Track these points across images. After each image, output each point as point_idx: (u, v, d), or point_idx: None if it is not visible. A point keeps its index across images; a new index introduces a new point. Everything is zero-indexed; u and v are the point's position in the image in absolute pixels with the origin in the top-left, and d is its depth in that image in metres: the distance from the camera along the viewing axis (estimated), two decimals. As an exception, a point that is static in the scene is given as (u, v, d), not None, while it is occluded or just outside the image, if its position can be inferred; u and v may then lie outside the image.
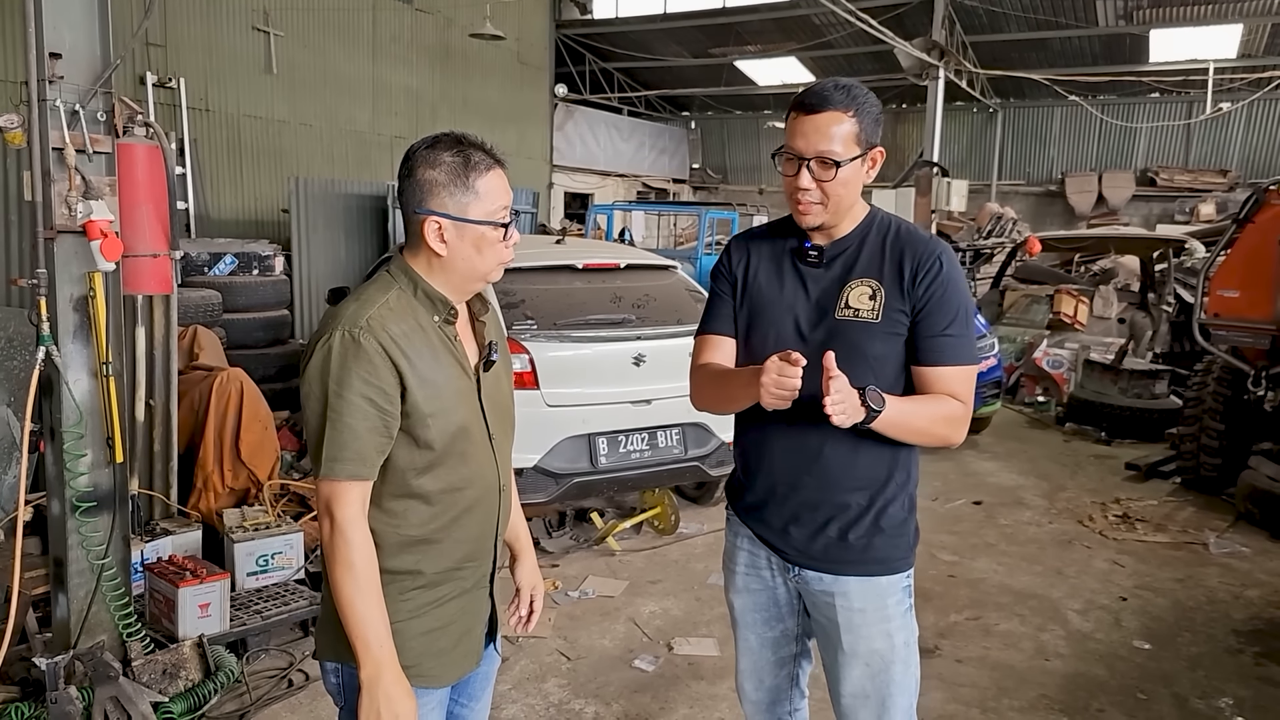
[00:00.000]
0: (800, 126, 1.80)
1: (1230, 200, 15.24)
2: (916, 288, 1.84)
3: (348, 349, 1.54)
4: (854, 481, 1.90)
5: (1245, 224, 5.73)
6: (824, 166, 1.79)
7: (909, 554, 1.98)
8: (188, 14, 10.84)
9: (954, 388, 1.85)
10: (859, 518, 1.90)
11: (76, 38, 2.86)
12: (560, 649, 3.77)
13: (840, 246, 1.91)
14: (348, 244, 10.14)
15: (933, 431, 1.84)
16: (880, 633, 1.93)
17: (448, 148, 1.61)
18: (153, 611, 3.42)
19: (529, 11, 16.40)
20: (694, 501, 5.65)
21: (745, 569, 2.09)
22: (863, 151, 1.82)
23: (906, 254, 1.86)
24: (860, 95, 1.81)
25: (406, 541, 1.64)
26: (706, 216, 12.25)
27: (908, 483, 1.97)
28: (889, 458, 1.90)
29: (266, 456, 4.48)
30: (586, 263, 5.04)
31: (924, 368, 1.85)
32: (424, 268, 1.65)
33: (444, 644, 1.70)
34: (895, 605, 1.95)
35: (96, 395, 2.97)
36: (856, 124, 1.79)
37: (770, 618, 2.09)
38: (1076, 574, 4.65)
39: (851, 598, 1.93)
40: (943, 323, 1.83)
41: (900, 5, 14.52)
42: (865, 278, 1.87)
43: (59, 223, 2.84)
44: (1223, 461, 5.94)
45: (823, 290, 1.89)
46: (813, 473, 1.90)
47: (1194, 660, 3.77)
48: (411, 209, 1.62)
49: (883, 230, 1.91)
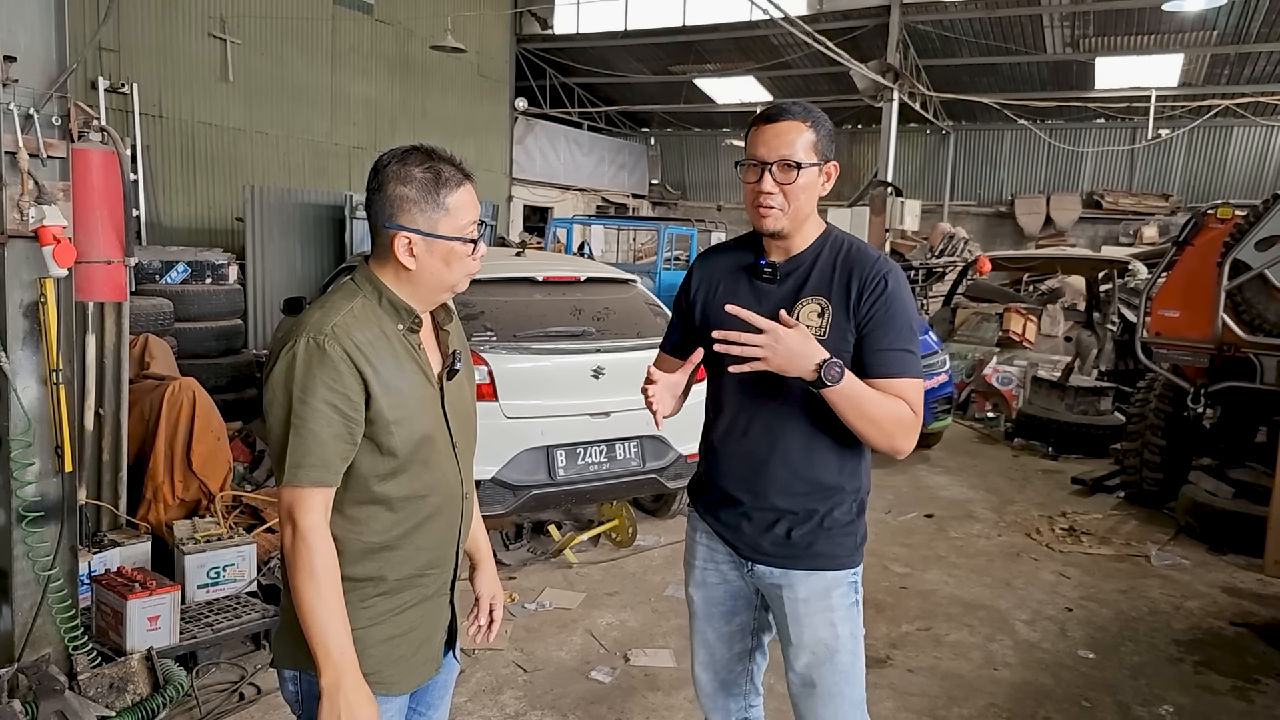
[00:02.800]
0: (762, 135, 1.91)
1: (1172, 223, 15.76)
2: (862, 305, 1.91)
3: (312, 355, 1.54)
4: (802, 486, 1.98)
5: (1185, 246, 5.90)
6: (785, 170, 1.88)
7: (855, 552, 2.06)
8: (142, 19, 10.67)
9: (903, 398, 1.91)
10: (805, 520, 2.00)
11: (32, 40, 2.82)
12: (517, 661, 3.76)
13: (794, 264, 1.99)
14: (304, 254, 10.04)
15: (883, 425, 1.88)
16: (824, 622, 2.02)
17: (419, 163, 1.61)
18: (100, 624, 3.35)
19: (490, 25, 16.41)
20: (651, 514, 5.67)
21: (703, 563, 2.18)
22: (819, 162, 1.92)
23: (854, 272, 1.93)
24: (815, 112, 1.93)
25: (368, 548, 1.64)
26: (665, 232, 12.33)
27: (858, 490, 2.05)
28: (837, 466, 1.99)
29: (219, 467, 4.42)
30: (547, 275, 5.06)
31: (872, 380, 1.90)
32: (391, 278, 1.66)
33: (404, 651, 1.70)
34: (840, 598, 2.03)
35: (46, 403, 2.91)
36: (814, 134, 1.90)
37: (726, 611, 2.18)
38: (1024, 585, 4.76)
39: (797, 589, 2.02)
40: (887, 338, 1.90)
41: (856, 29, 14.82)
42: (815, 295, 1.95)
43: (10, 227, 2.79)
44: (1164, 476, 6.12)
45: (775, 306, 1.94)
46: (762, 476, 2.00)
47: (1136, 669, 3.88)
48: (381, 223, 1.63)
49: (835, 249, 1.99)
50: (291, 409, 1.54)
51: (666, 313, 5.30)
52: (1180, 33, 13.82)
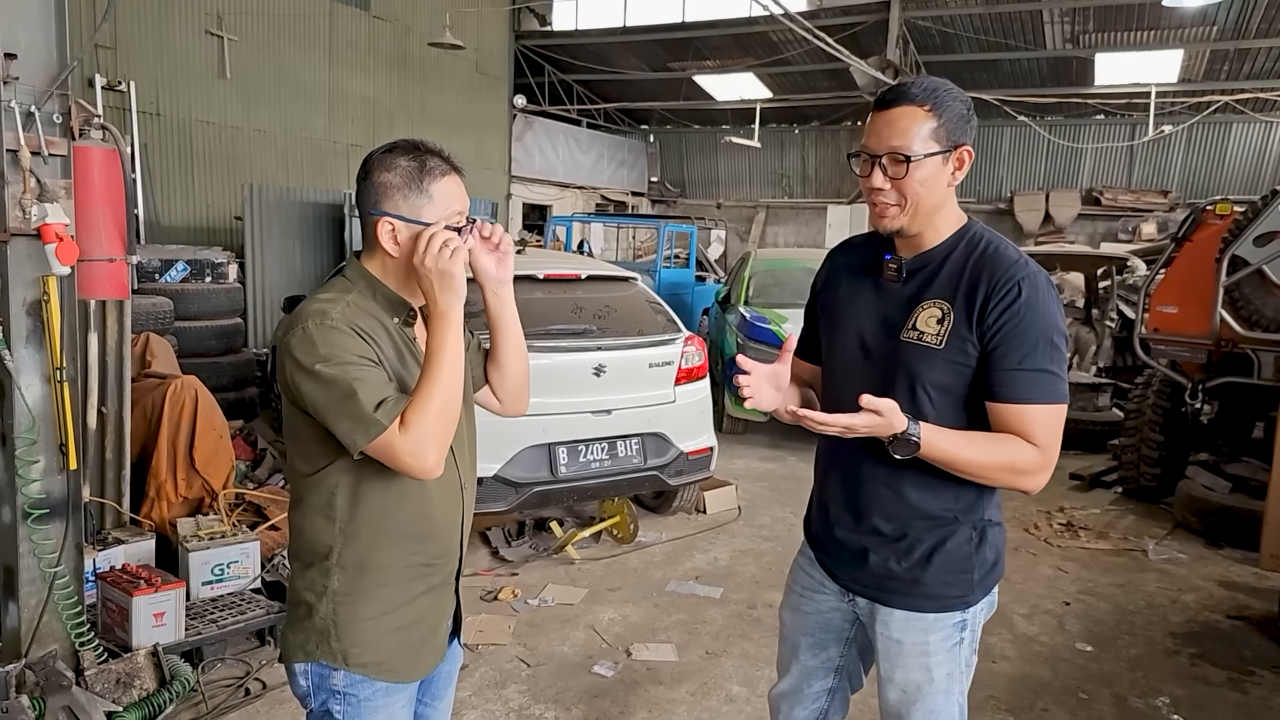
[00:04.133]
0: (874, 123, 1.71)
1: (1171, 220, 15.75)
2: (988, 315, 1.67)
3: (323, 329, 1.53)
4: (906, 511, 1.80)
5: (1184, 243, 5.92)
6: (895, 163, 1.68)
7: (971, 592, 1.83)
8: (139, 17, 10.64)
9: (1029, 428, 1.67)
10: (908, 550, 1.81)
11: (32, 38, 2.83)
12: (520, 656, 3.78)
13: (921, 261, 1.78)
14: (303, 252, 10.04)
15: (988, 476, 1.70)
16: (918, 665, 1.85)
17: (404, 153, 1.63)
18: (105, 621, 3.37)
19: (488, 22, 16.39)
20: (652, 511, 5.70)
21: (801, 589, 2.06)
22: (944, 149, 1.68)
23: (983, 277, 1.69)
24: (942, 90, 1.70)
25: (375, 536, 1.65)
26: (665, 230, 12.34)
27: (980, 519, 1.83)
28: (950, 491, 1.78)
29: (221, 465, 4.43)
30: (547, 273, 5.07)
31: (995, 404, 1.69)
32: (379, 269, 1.67)
33: (414, 639, 1.72)
34: (940, 641, 1.83)
35: (50, 401, 2.93)
36: (935, 118, 1.67)
37: (815, 644, 2.04)
38: (1023, 580, 4.78)
39: (891, 628, 1.86)
40: (1017, 355, 1.66)
41: (856, 25, 14.80)
42: (937, 299, 1.73)
43: (13, 225, 2.79)
44: (1162, 471, 6.15)
45: (895, 307, 1.78)
46: (858, 502, 1.85)
47: (1133, 661, 3.91)
48: (366, 210, 1.65)
49: (970, 248, 1.75)
50: (326, 381, 1.50)
51: (667, 310, 5.32)
52: (1180, 28, 13.81)
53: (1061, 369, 1.70)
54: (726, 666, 3.74)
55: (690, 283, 12.65)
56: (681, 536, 5.32)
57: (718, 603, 4.41)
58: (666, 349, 5.00)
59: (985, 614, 1.91)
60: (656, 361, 4.94)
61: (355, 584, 1.62)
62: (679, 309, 7.71)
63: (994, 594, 1.91)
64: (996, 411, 1.70)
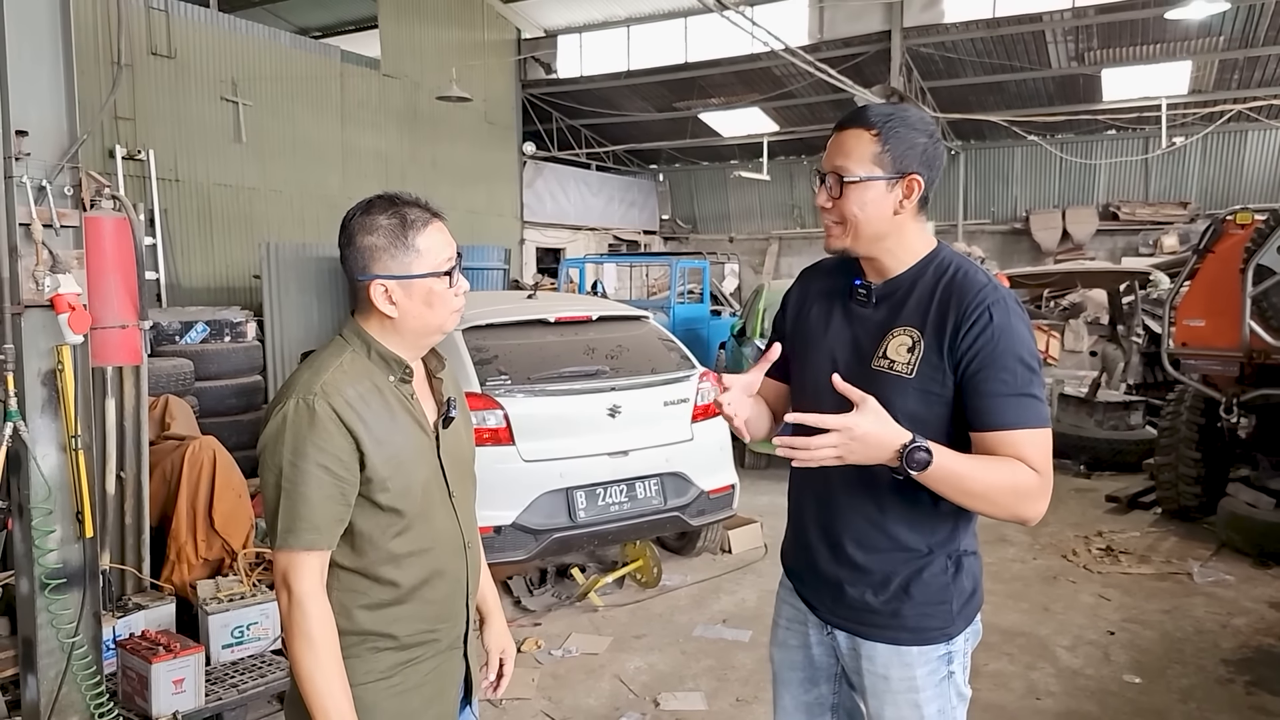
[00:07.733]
0: (830, 142, 1.72)
1: (1192, 231, 15.58)
2: (959, 343, 1.63)
3: (302, 417, 1.53)
4: (883, 542, 1.75)
5: (1206, 254, 5.82)
6: (836, 182, 1.68)
7: (951, 624, 1.77)
8: (156, 87, 10.91)
9: (1022, 455, 1.60)
10: (883, 582, 1.76)
11: (43, 114, 2.87)
12: (545, 709, 3.69)
13: (890, 287, 1.75)
14: (320, 307, 10.11)
15: (995, 499, 1.61)
16: (908, 702, 1.77)
17: (382, 210, 1.61)
18: (125, 689, 3.32)
19: (495, 73, 16.65)
20: (676, 553, 5.60)
21: (786, 623, 2.00)
22: (888, 175, 1.66)
23: (953, 302, 1.66)
24: (898, 118, 1.66)
25: (375, 605, 1.62)
26: (678, 266, 12.36)
27: (948, 544, 1.76)
28: (925, 521, 1.73)
29: (240, 525, 4.40)
30: (559, 316, 5.06)
31: (983, 433, 1.63)
32: (376, 329, 1.65)
33: (415, 705, 1.67)
34: (927, 676, 1.76)
35: (65, 469, 2.92)
36: (880, 144, 1.65)
37: (805, 679, 1.96)
38: (1063, 610, 4.64)
39: (876, 663, 1.79)
40: (996, 381, 1.61)
41: (858, 55, 14.89)
42: (908, 326, 1.69)
43: (26, 297, 2.82)
44: (1202, 490, 5.98)
45: (866, 334, 1.74)
46: (834, 533, 1.81)
47: (1185, 692, 3.76)
48: (355, 276, 1.63)
49: (939, 273, 1.72)
50: (282, 472, 1.53)
51: (680, 347, 5.28)
52: (1186, 40, 13.78)
53: (1041, 392, 1.66)
54: (758, 713, 3.63)
55: (705, 317, 12.65)
56: (707, 578, 5.22)
57: (747, 646, 4.30)
58: (681, 386, 4.95)
59: (970, 644, 1.85)
60: (671, 399, 4.89)
61: (355, 646, 1.58)
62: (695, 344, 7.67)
63: (977, 623, 1.86)
64: (984, 441, 1.63)
